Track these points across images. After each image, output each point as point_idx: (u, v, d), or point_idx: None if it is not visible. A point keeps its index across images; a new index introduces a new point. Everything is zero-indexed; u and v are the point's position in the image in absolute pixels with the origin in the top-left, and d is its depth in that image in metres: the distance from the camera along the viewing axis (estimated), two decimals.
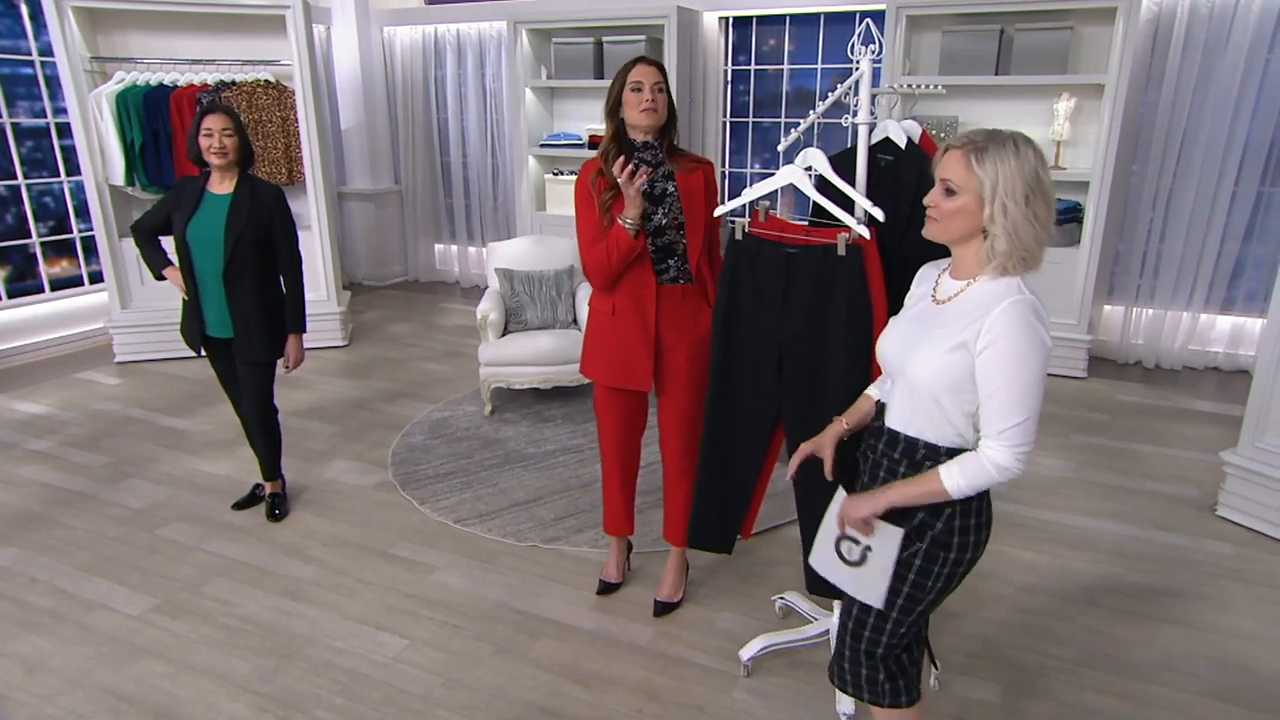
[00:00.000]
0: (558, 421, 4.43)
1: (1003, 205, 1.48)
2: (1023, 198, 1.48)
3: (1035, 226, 1.49)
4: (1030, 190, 1.48)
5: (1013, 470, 1.52)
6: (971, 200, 1.52)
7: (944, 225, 1.58)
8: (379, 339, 5.96)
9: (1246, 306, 5.00)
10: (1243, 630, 2.71)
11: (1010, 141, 1.50)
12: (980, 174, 1.50)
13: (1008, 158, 1.48)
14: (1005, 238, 1.50)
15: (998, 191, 1.48)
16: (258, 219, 3.17)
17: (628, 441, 2.77)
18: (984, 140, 1.52)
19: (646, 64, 2.43)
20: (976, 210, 1.52)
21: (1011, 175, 1.47)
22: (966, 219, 1.54)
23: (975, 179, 1.51)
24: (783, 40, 6.08)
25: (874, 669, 1.75)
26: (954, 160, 1.54)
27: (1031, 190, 1.48)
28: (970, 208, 1.52)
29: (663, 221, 2.47)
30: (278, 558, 3.19)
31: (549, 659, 2.61)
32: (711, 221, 2.54)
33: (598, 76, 6.09)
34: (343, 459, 4.02)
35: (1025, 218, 1.48)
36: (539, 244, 4.88)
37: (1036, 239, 1.50)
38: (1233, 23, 4.62)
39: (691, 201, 2.48)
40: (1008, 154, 1.48)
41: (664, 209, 2.48)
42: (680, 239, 2.48)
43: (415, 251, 7.68)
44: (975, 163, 1.51)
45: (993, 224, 1.50)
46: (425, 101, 7.23)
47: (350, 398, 4.83)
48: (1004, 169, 1.48)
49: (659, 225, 2.46)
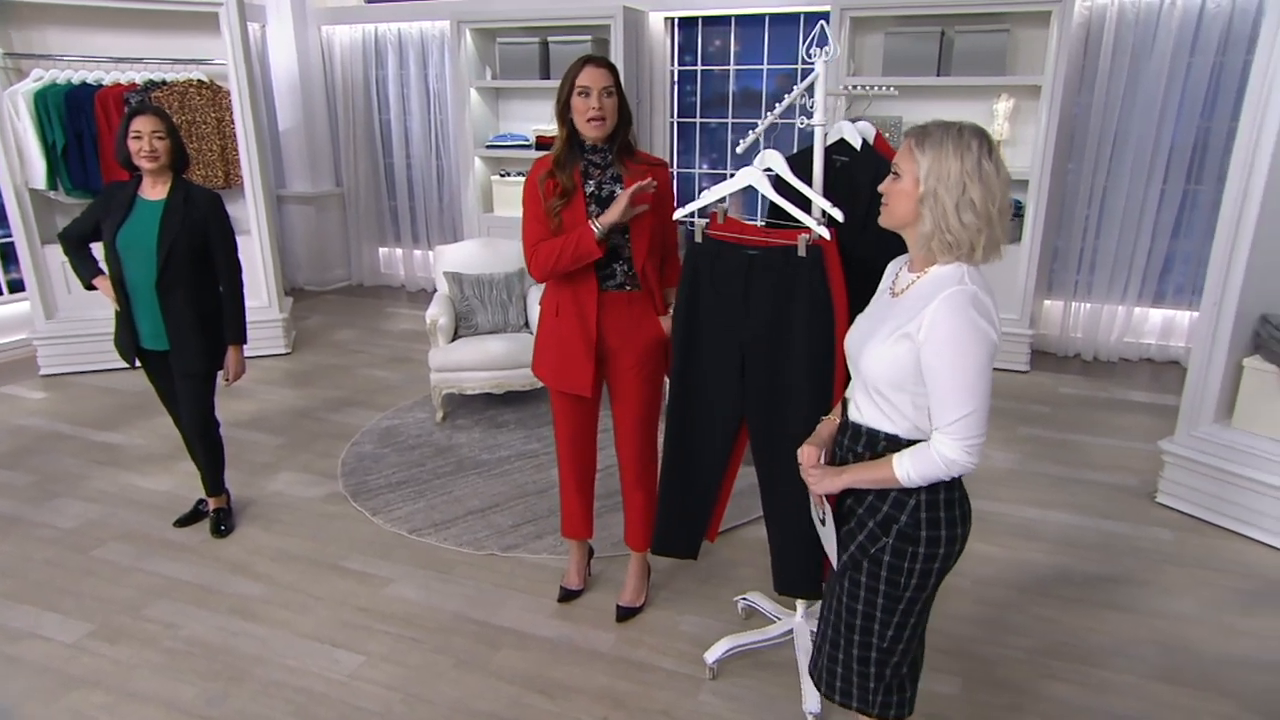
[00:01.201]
0: (511, 426, 4.37)
1: (933, 189, 1.51)
2: (957, 184, 1.49)
3: (973, 215, 1.50)
4: (968, 178, 1.49)
5: (961, 463, 1.53)
6: (910, 183, 1.55)
7: (889, 209, 1.61)
8: (323, 346, 5.80)
9: (1176, 300, 5.20)
10: (1184, 613, 2.80)
11: (955, 129, 1.52)
12: (919, 157, 1.53)
13: (947, 143, 1.51)
14: (930, 219, 1.52)
15: (930, 175, 1.51)
16: (193, 226, 3.04)
17: (581, 443, 2.74)
18: (931, 127, 1.55)
19: (595, 66, 2.36)
20: (914, 192, 1.54)
21: (947, 160, 1.50)
22: (905, 201, 1.56)
23: (914, 163, 1.54)
24: (728, 41, 6.11)
25: (865, 676, 1.74)
26: (903, 146, 1.58)
27: (969, 178, 1.49)
28: (909, 190, 1.55)
29: None
30: (224, 575, 3.06)
31: (511, 670, 2.56)
32: (661, 227, 2.50)
33: (544, 77, 6.03)
34: (289, 471, 3.90)
35: (958, 204, 1.49)
36: (488, 247, 4.81)
37: (974, 227, 1.50)
38: (1157, 28, 4.80)
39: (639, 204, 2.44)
40: (948, 140, 1.51)
41: None
42: (625, 243, 2.45)
43: (358, 255, 7.51)
44: (916, 147, 1.54)
45: (921, 205, 1.53)
46: (366, 102, 7.08)
47: (295, 407, 4.68)
48: (940, 153, 1.50)
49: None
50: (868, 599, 1.68)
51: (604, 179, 2.46)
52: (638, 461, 2.69)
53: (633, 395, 2.59)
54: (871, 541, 1.65)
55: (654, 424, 2.69)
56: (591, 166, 2.46)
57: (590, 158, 2.46)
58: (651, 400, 2.64)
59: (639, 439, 2.66)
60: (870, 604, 1.68)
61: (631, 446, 2.67)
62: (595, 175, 2.46)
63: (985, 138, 1.52)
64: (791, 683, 2.46)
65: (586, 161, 2.46)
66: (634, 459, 2.69)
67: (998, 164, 1.52)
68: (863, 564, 1.67)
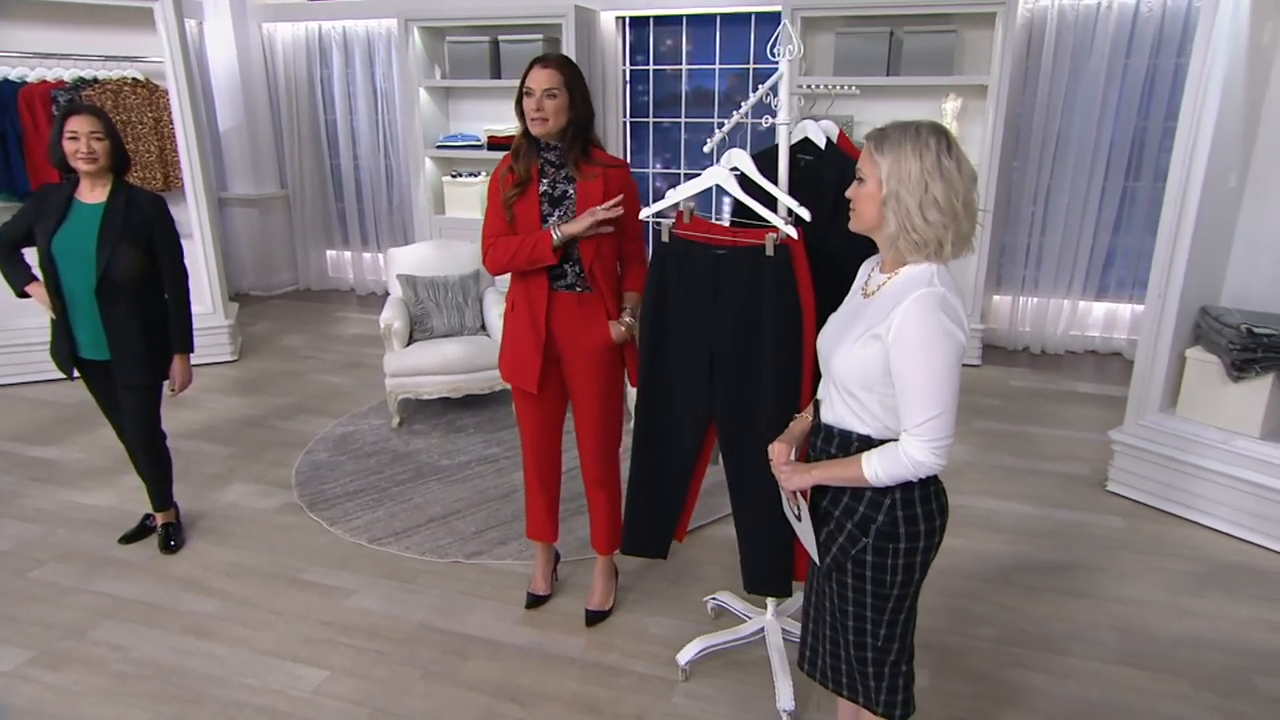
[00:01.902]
0: (470, 431, 4.30)
1: (895, 191, 1.51)
2: (918, 183, 1.50)
3: (937, 212, 1.50)
4: (929, 176, 1.49)
5: (929, 464, 1.53)
6: (874, 187, 1.56)
7: (857, 213, 1.62)
8: (271, 352, 5.64)
9: (1117, 293, 5.37)
10: (1139, 598, 2.88)
11: (913, 129, 1.53)
12: (879, 160, 1.54)
13: (905, 143, 1.51)
14: (894, 220, 1.53)
15: (891, 177, 1.52)
16: (135, 230, 2.92)
17: (542, 443, 2.70)
18: (889, 129, 1.55)
19: (540, 67, 2.35)
20: (878, 195, 1.55)
21: (906, 161, 1.50)
22: (870, 204, 1.57)
23: (875, 166, 1.54)
24: (680, 40, 6.11)
25: (865, 675, 1.75)
26: (864, 150, 1.59)
27: (930, 176, 1.49)
28: (873, 193, 1.56)
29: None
30: (175, 593, 2.95)
31: (481, 679, 2.51)
32: (617, 230, 2.45)
33: (495, 76, 5.96)
34: (241, 481, 3.77)
35: (921, 203, 1.50)
36: (442, 248, 4.73)
37: (939, 224, 1.51)
38: (1095, 30, 4.95)
39: (587, 207, 2.40)
40: (906, 140, 1.52)
41: (560, 211, 2.43)
42: (574, 244, 2.42)
43: (305, 259, 7.32)
44: (875, 150, 1.55)
45: (884, 207, 1.54)
46: (311, 102, 6.90)
47: (244, 416, 4.54)
48: (899, 154, 1.51)
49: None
50: (856, 600, 1.68)
51: (558, 178, 2.45)
52: (599, 464, 2.67)
53: (588, 397, 2.57)
54: (852, 543, 1.65)
55: (615, 426, 2.67)
56: (547, 165, 2.46)
57: (546, 155, 2.46)
58: (609, 402, 2.61)
59: (599, 441, 2.64)
60: (860, 604, 1.68)
61: (592, 448, 2.65)
62: (550, 174, 2.46)
63: (944, 135, 1.53)
64: (764, 681, 2.46)
65: (543, 159, 2.46)
66: (595, 461, 2.67)
67: (958, 160, 1.53)
68: (846, 566, 1.67)
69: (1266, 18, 3.17)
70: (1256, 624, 2.75)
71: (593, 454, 2.66)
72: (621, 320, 2.52)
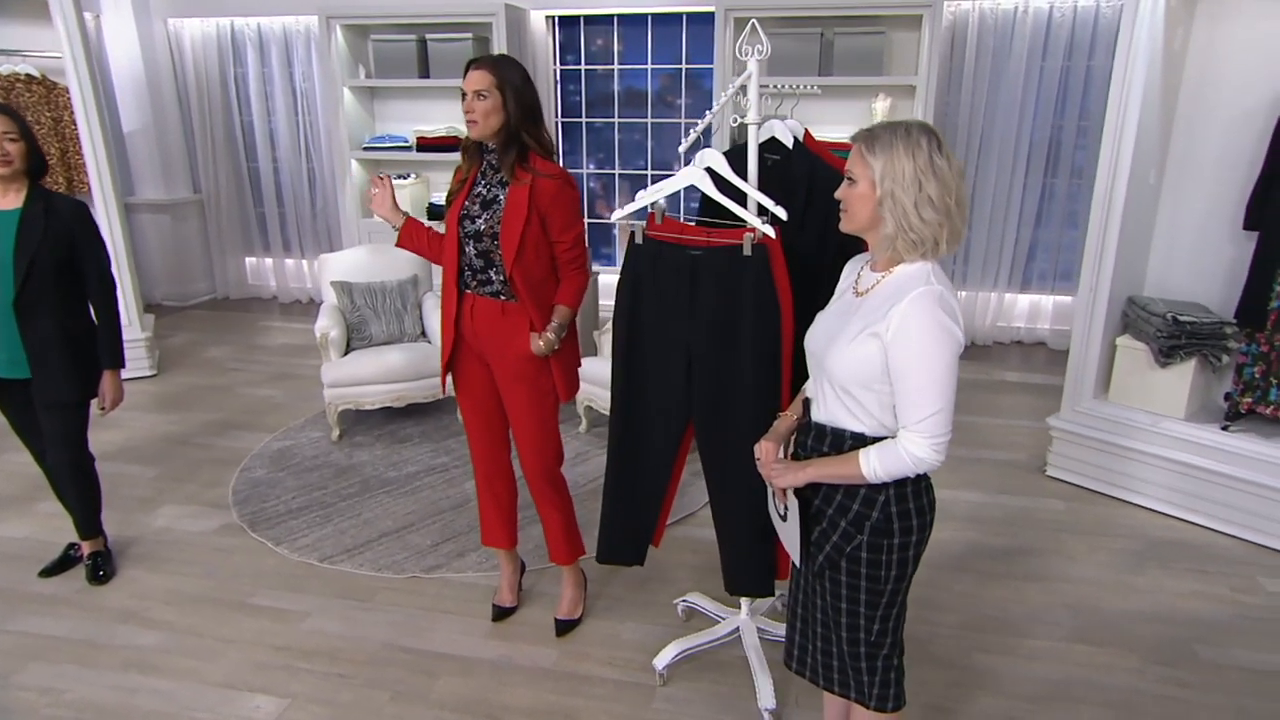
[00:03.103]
0: (415, 441, 4.17)
1: (890, 190, 1.53)
2: (913, 183, 1.52)
3: (932, 210, 1.53)
4: (922, 175, 1.52)
5: (929, 461, 1.56)
6: (866, 187, 1.57)
7: (849, 214, 1.62)
8: (193, 365, 5.35)
9: (1040, 285, 5.61)
10: (1086, 577, 3.01)
11: (903, 129, 1.55)
12: (871, 161, 1.55)
13: (896, 143, 1.53)
14: (892, 220, 1.54)
15: (885, 177, 1.53)
16: (56, 238, 2.72)
17: (484, 446, 2.65)
18: (879, 130, 1.57)
19: (474, 69, 2.31)
20: (872, 195, 1.56)
21: (899, 160, 1.52)
22: (864, 205, 1.58)
23: (868, 167, 1.55)
24: (611, 40, 6.08)
25: (858, 670, 1.76)
26: (854, 151, 1.59)
27: (924, 174, 1.52)
28: (866, 194, 1.57)
29: (480, 228, 2.36)
30: (111, 627, 2.76)
31: (453, 697, 2.43)
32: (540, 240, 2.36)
33: (423, 76, 5.80)
34: (173, 504, 3.56)
35: (916, 202, 1.52)
36: (378, 253, 4.58)
37: (935, 222, 1.54)
38: (1013, 33, 5.16)
39: (512, 214, 2.32)
40: (897, 140, 1.53)
41: (487, 215, 2.37)
42: (495, 249, 2.35)
43: (222, 266, 6.99)
44: (866, 151, 1.56)
45: (881, 207, 1.55)
46: (225, 102, 6.59)
47: (168, 434, 4.29)
48: (892, 154, 1.52)
49: (477, 231, 2.37)
50: (850, 596, 1.69)
51: (494, 181, 2.41)
52: (540, 475, 2.60)
53: (516, 407, 2.52)
54: (846, 540, 1.66)
55: (550, 437, 2.57)
56: (489, 167, 2.43)
57: (489, 158, 2.43)
58: (539, 414, 2.52)
59: (535, 451, 2.56)
60: (854, 600, 1.69)
61: (531, 462, 2.59)
62: (489, 176, 2.42)
63: (933, 134, 1.55)
64: (740, 680, 2.46)
65: (486, 161, 2.43)
66: (538, 474, 2.60)
67: (948, 158, 1.55)
68: (840, 563, 1.68)
69: (1177, 24, 3.35)
70: (1192, 596, 2.90)
71: (535, 466, 2.59)
72: (542, 335, 2.39)
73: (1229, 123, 3.38)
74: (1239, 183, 3.36)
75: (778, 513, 1.81)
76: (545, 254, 2.41)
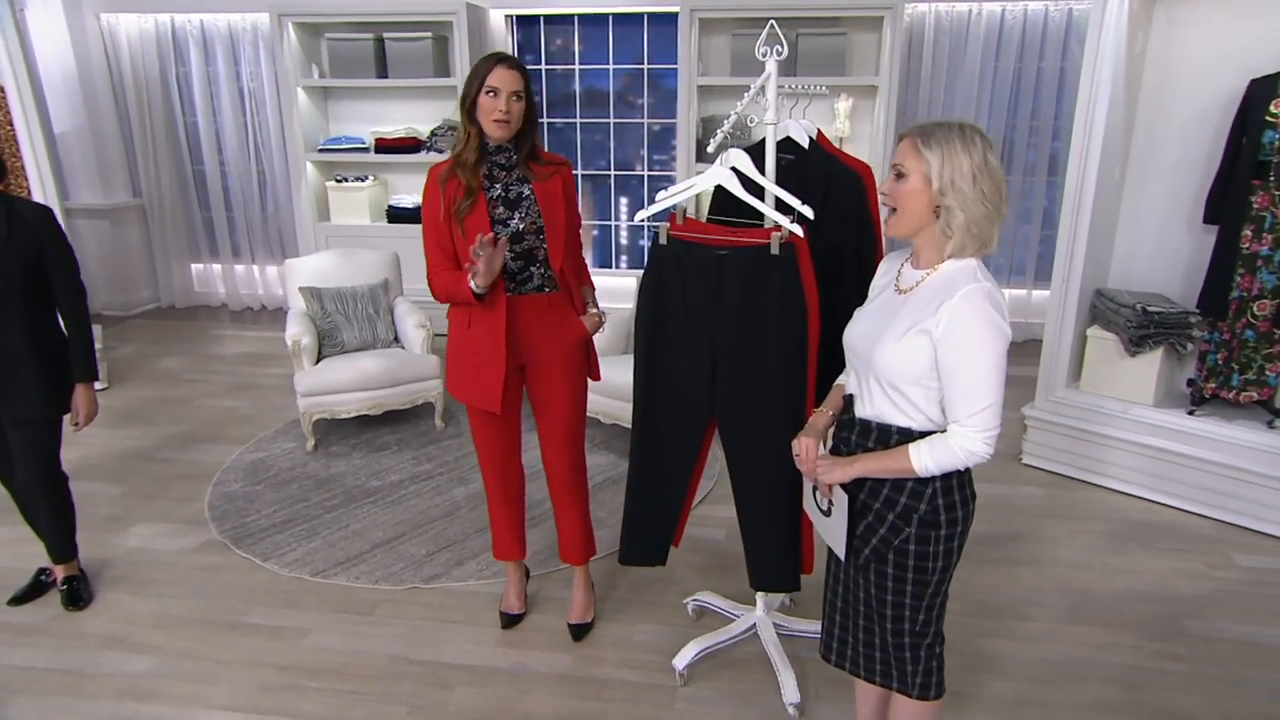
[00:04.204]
0: (395, 449, 4.08)
1: (951, 181, 1.56)
2: (970, 177, 1.56)
3: (985, 206, 1.57)
4: (977, 171, 1.56)
5: (980, 454, 1.60)
6: (920, 182, 1.59)
7: (901, 213, 1.64)
8: (145, 378, 5.12)
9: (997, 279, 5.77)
10: (1073, 560, 3.12)
11: (956, 127, 1.59)
12: (928, 155, 1.57)
13: (953, 139, 1.57)
14: (960, 213, 1.57)
15: (944, 170, 1.56)
16: (22, 246, 2.57)
17: (504, 459, 2.60)
18: (931, 126, 1.60)
19: (507, 68, 2.27)
20: (926, 191, 1.58)
21: (957, 155, 1.55)
22: (918, 200, 1.60)
23: (924, 162, 1.58)
24: (571, 40, 6.05)
25: (902, 660, 1.79)
26: (905, 147, 1.62)
27: (979, 171, 1.56)
28: (920, 189, 1.59)
29: (519, 227, 2.35)
30: (97, 654, 2.62)
31: (472, 708, 2.39)
32: (574, 227, 2.46)
33: (380, 75, 5.68)
34: (145, 522, 3.41)
35: (975, 197, 1.56)
36: (347, 257, 4.46)
37: (988, 218, 1.58)
38: (967, 35, 5.32)
39: (550, 206, 2.38)
40: (953, 136, 1.57)
41: (520, 213, 2.36)
42: (540, 244, 2.37)
43: (167, 273, 6.71)
44: (923, 145, 1.58)
45: (944, 198, 1.57)
46: (166, 102, 6.33)
47: (129, 449, 4.10)
48: (949, 149, 1.56)
49: (516, 231, 2.34)
50: (896, 589, 1.72)
51: (510, 180, 2.38)
52: (572, 469, 2.60)
53: (560, 402, 2.51)
54: (894, 534, 1.69)
55: (584, 431, 2.61)
56: (497, 168, 2.38)
57: (495, 159, 2.37)
58: (580, 406, 2.56)
59: (571, 449, 2.57)
60: (900, 593, 1.72)
61: (564, 457, 2.57)
62: (501, 177, 2.38)
63: (982, 133, 1.60)
64: (760, 676, 2.48)
65: (491, 163, 2.37)
66: (567, 469, 2.59)
67: (996, 157, 1.60)
68: (888, 556, 1.71)
69: (1138, 28, 3.51)
70: (1173, 573, 3.04)
71: (566, 460, 2.58)
72: (589, 314, 2.51)
73: (1186, 122, 3.55)
74: (1196, 179, 3.53)
75: (819, 508, 1.83)
76: (576, 238, 2.46)
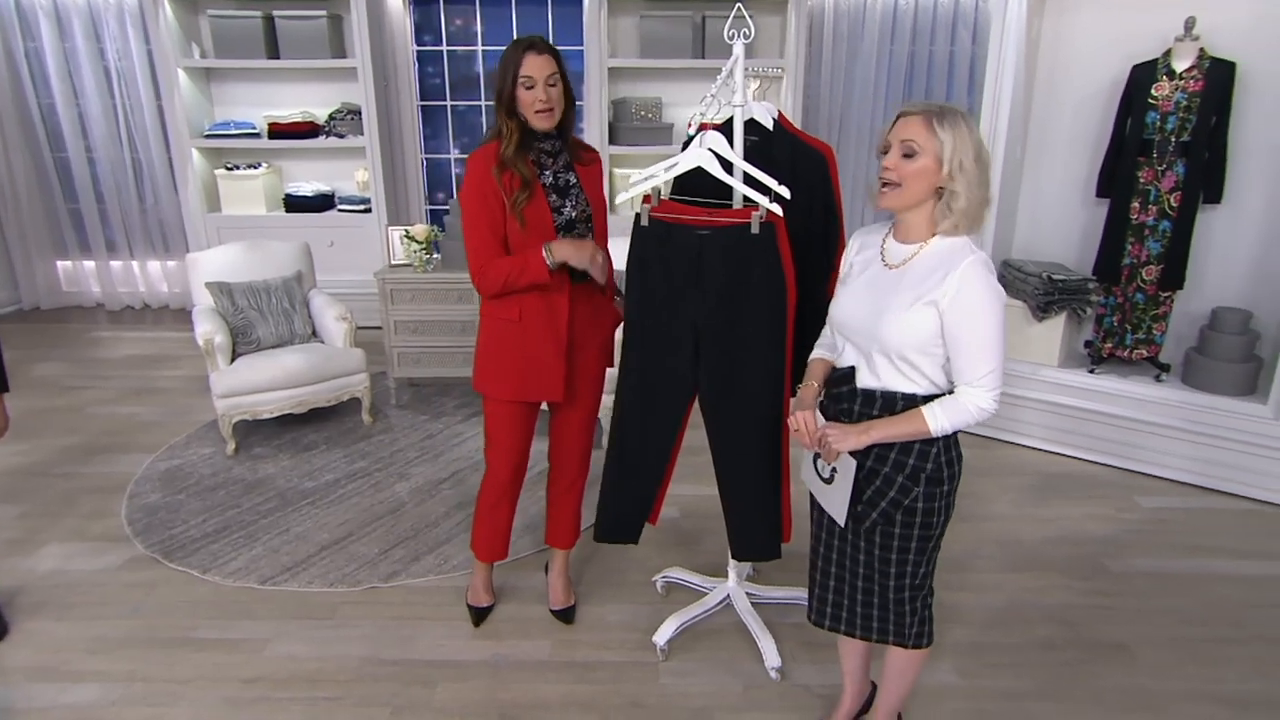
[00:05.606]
0: (323, 448, 3.90)
1: (960, 163, 1.64)
2: (974, 159, 1.65)
3: (983, 189, 1.67)
4: (977, 153, 1.65)
5: (990, 410, 1.71)
6: (931, 161, 1.65)
7: (905, 189, 1.68)
8: (23, 386, 4.66)
9: None
10: (1003, 514, 3.36)
11: (958, 111, 1.67)
12: (942, 135, 1.63)
13: (960, 123, 1.65)
14: (964, 195, 1.65)
15: (956, 152, 1.63)
16: None
17: (523, 457, 2.52)
18: (938, 105, 1.67)
19: (536, 54, 2.16)
20: (935, 171, 1.66)
21: (964, 138, 1.64)
22: (925, 179, 1.67)
23: (936, 141, 1.64)
24: (473, 20, 5.90)
25: (901, 614, 1.87)
26: (915, 124, 1.65)
27: (978, 153, 1.65)
28: (930, 168, 1.65)
29: (572, 215, 2.30)
30: (26, 688, 2.40)
31: (459, 703, 2.34)
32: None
33: (271, 56, 5.36)
34: (56, 542, 3.13)
35: (977, 179, 1.66)
36: (256, 250, 4.21)
37: (982, 199, 1.69)
38: (864, 19, 5.54)
39: (595, 192, 2.37)
40: (960, 120, 1.65)
41: (571, 201, 2.31)
42: (589, 231, 2.35)
43: (28, 272, 6.11)
44: (937, 125, 1.64)
45: (952, 181, 1.65)
46: (14, 83, 5.74)
47: (20, 466, 3.74)
48: (959, 132, 1.64)
49: (569, 219, 2.30)
50: (901, 546, 1.81)
51: (558, 168, 2.31)
52: (581, 458, 2.60)
53: (589, 389, 2.50)
54: (904, 494, 1.77)
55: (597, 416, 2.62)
56: (544, 155, 2.29)
57: (542, 146, 2.28)
58: (600, 392, 2.57)
59: (589, 435, 2.59)
60: (904, 550, 1.81)
61: (579, 446, 2.57)
62: (549, 165, 2.30)
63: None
64: (736, 644, 2.55)
65: (539, 150, 2.28)
66: (581, 457, 2.60)
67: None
68: (896, 516, 1.79)
69: (1035, 16, 3.76)
70: (1089, 518, 3.32)
71: (579, 451, 2.58)
72: (617, 300, 2.50)
73: (1078, 105, 3.85)
74: (1088, 157, 3.84)
75: (820, 477, 1.89)
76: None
